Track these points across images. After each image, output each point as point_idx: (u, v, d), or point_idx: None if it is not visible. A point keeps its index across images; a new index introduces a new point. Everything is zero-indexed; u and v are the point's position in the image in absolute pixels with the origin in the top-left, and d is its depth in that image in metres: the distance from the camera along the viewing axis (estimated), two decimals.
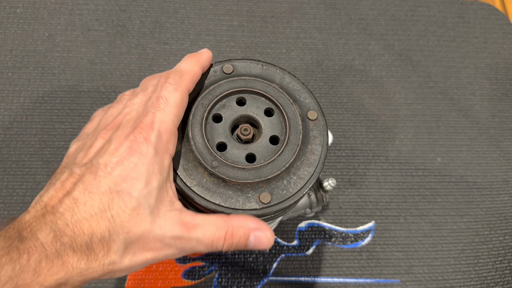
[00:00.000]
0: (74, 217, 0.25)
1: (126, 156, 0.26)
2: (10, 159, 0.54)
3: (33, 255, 0.23)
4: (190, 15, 0.65)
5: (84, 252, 0.24)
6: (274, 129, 0.33)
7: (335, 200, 0.55)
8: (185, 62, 0.32)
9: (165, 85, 0.29)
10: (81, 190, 0.25)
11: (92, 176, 0.26)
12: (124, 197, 0.25)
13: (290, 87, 0.34)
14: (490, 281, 0.52)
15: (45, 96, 0.58)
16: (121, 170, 0.26)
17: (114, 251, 0.25)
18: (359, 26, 0.67)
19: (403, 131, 0.60)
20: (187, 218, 0.27)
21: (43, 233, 0.24)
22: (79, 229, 0.24)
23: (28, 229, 0.24)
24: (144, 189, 0.26)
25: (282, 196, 0.30)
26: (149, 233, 0.26)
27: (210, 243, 0.27)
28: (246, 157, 0.31)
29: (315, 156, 0.32)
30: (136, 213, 0.26)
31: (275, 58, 0.63)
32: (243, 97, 0.33)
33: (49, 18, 0.63)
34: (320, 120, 0.33)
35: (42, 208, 0.25)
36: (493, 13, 0.70)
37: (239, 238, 0.28)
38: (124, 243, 0.25)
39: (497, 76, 0.65)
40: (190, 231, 0.27)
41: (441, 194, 0.57)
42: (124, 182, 0.26)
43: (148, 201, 0.26)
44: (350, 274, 0.52)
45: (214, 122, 0.32)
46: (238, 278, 0.50)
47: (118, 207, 0.25)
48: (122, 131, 0.27)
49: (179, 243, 0.27)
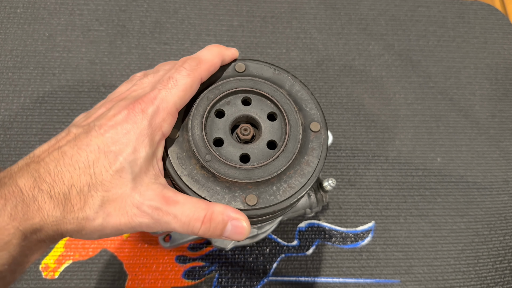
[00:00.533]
0: (58, 167, 0.25)
1: (121, 122, 0.27)
2: (10, 159, 0.54)
3: (10, 199, 0.24)
4: (190, 15, 0.65)
5: (61, 201, 0.25)
6: (273, 134, 0.33)
7: (335, 200, 0.55)
8: (206, 50, 0.32)
9: (180, 69, 0.30)
10: (71, 145, 0.26)
11: (85, 135, 0.27)
12: (110, 158, 0.26)
13: (298, 96, 0.34)
14: (490, 281, 0.52)
15: (45, 96, 0.58)
16: (113, 133, 0.27)
17: (89, 206, 0.25)
18: (359, 26, 0.67)
19: (403, 131, 0.60)
20: (169, 193, 0.28)
21: (23, 179, 0.25)
22: (60, 179, 0.25)
23: (9, 176, 0.25)
24: (131, 155, 0.27)
25: (269, 202, 0.30)
26: (128, 197, 0.26)
27: (187, 222, 0.27)
28: (240, 157, 0.31)
29: (310, 168, 0.31)
30: (119, 175, 0.26)
31: (275, 58, 0.63)
32: (249, 97, 0.33)
33: (49, 18, 0.63)
34: (322, 133, 0.33)
35: (30, 158, 0.26)
36: (493, 13, 0.70)
37: (217, 223, 0.28)
38: (101, 200, 0.26)
39: (497, 76, 0.65)
40: (169, 205, 0.27)
41: (441, 194, 0.57)
42: (114, 145, 0.26)
43: (133, 168, 0.27)
44: (350, 274, 0.52)
45: (216, 117, 0.32)
46: (238, 278, 0.50)
47: (102, 166, 0.26)
48: (124, 102, 0.28)
49: (155, 214, 0.27)
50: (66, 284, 0.49)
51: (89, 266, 0.50)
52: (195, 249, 0.52)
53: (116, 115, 0.27)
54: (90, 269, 0.49)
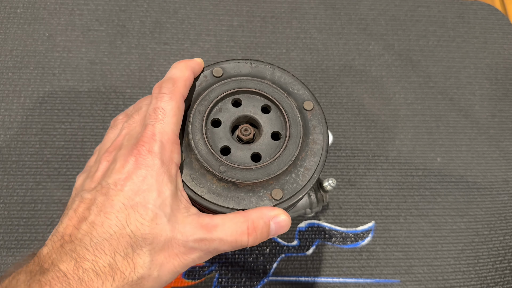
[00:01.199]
0: (93, 240, 0.24)
1: (134, 170, 0.26)
2: (10, 159, 0.54)
3: (55, 285, 0.23)
4: (190, 15, 0.65)
5: (109, 273, 0.24)
6: (274, 125, 0.33)
7: (335, 200, 0.55)
8: (174, 69, 0.32)
9: (160, 95, 0.29)
10: (96, 212, 0.25)
11: (104, 197, 0.26)
12: (140, 210, 0.25)
13: (282, 81, 0.34)
14: (490, 281, 0.52)
15: (45, 96, 0.58)
16: (131, 185, 0.26)
17: (140, 265, 0.25)
18: (359, 26, 0.67)
19: (403, 131, 0.60)
20: (206, 220, 0.27)
21: (64, 263, 0.24)
22: (100, 251, 0.24)
23: (49, 261, 0.24)
24: (158, 199, 0.26)
25: (293, 190, 0.30)
26: (172, 240, 0.26)
27: (234, 241, 0.27)
28: (251, 157, 0.31)
29: (318, 146, 0.32)
30: (155, 223, 0.25)
31: (275, 58, 0.63)
32: (238, 98, 0.33)
33: (49, 18, 0.63)
34: (316, 109, 0.33)
35: (60, 239, 0.25)
36: (493, 13, 0.70)
37: (261, 229, 0.28)
38: (149, 255, 0.25)
39: (497, 76, 0.65)
40: (211, 231, 0.27)
41: (441, 194, 0.57)
42: (137, 196, 0.26)
43: (164, 210, 0.26)
44: (350, 274, 0.52)
45: (213, 127, 0.32)
46: (238, 278, 0.50)
47: (135, 221, 0.25)
48: (125, 149, 0.27)
49: (202, 245, 0.26)
50: None
51: None
52: None
53: (124, 165, 0.26)
54: None
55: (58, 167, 0.54)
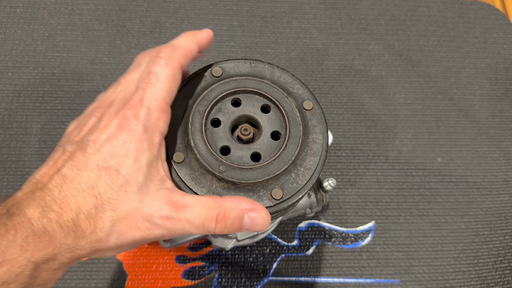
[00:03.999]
0: (62, 193, 0.24)
1: (115, 133, 0.26)
2: (10, 159, 0.54)
3: (20, 230, 0.23)
4: (190, 15, 0.65)
5: (71, 228, 0.24)
6: (273, 124, 0.33)
7: (335, 200, 0.55)
8: (180, 37, 0.31)
9: (156, 60, 0.29)
10: (70, 166, 0.25)
11: (82, 153, 0.26)
12: (112, 174, 0.25)
13: (282, 81, 0.34)
14: (490, 281, 0.52)
15: (45, 96, 0.58)
16: (109, 147, 0.26)
17: (100, 229, 0.25)
18: (359, 26, 0.67)
19: (403, 131, 0.60)
20: (177, 198, 0.27)
21: (31, 209, 0.24)
22: (66, 205, 0.24)
23: (16, 205, 0.24)
24: (132, 166, 0.26)
25: (293, 189, 0.30)
26: (137, 211, 0.25)
27: (200, 225, 0.26)
28: (251, 157, 0.31)
29: (318, 145, 0.32)
30: (124, 190, 0.25)
31: (275, 58, 0.63)
32: (237, 98, 0.33)
33: (49, 18, 0.63)
34: (316, 108, 0.33)
35: (33, 185, 0.25)
36: (493, 13, 0.70)
37: (232, 220, 0.27)
38: (110, 220, 0.25)
39: (497, 76, 0.65)
40: (179, 211, 0.26)
41: (441, 194, 0.57)
42: (112, 159, 0.25)
43: (137, 179, 0.26)
44: (350, 274, 0.52)
45: (213, 127, 0.32)
46: (238, 278, 0.50)
47: (105, 184, 0.25)
48: (113, 109, 0.27)
49: (167, 223, 0.26)
50: (66, 284, 0.49)
51: (89, 266, 0.50)
52: (195, 249, 0.52)
53: (108, 126, 0.26)
54: (90, 269, 0.49)
55: None
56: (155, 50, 0.29)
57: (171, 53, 0.29)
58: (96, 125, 0.27)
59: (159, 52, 0.29)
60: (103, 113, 0.28)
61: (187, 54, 0.30)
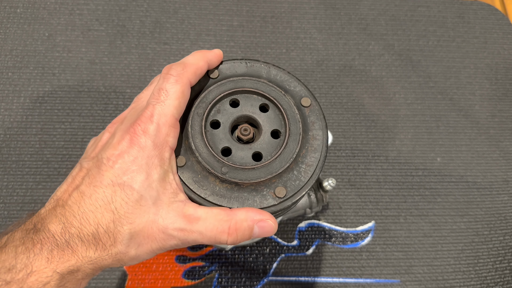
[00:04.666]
0: (81, 209, 0.26)
1: (127, 149, 0.27)
2: (10, 159, 0.54)
3: (45, 245, 0.25)
4: (190, 15, 0.65)
5: (92, 242, 0.26)
6: (273, 123, 0.33)
7: (335, 200, 0.55)
8: (191, 56, 0.32)
9: (167, 77, 0.30)
10: (87, 184, 0.27)
11: (97, 170, 0.27)
12: (126, 189, 0.26)
13: (278, 79, 0.35)
14: (490, 281, 0.52)
15: (45, 96, 0.58)
16: (121, 163, 0.27)
17: (119, 242, 0.26)
18: (359, 26, 0.67)
19: (403, 131, 0.60)
20: (190, 210, 0.28)
21: (53, 225, 0.26)
22: (85, 220, 0.26)
23: (41, 222, 0.26)
24: (145, 181, 0.27)
25: (296, 187, 0.31)
26: (153, 223, 0.27)
27: (213, 237, 0.28)
28: (252, 157, 0.31)
29: (318, 141, 0.32)
30: (139, 204, 0.27)
31: (275, 58, 0.63)
32: (235, 99, 0.33)
33: (49, 18, 0.63)
34: (314, 105, 0.34)
35: (55, 202, 0.27)
36: (493, 13, 0.70)
37: (243, 231, 0.28)
38: (129, 233, 0.26)
39: (497, 76, 0.65)
40: (192, 223, 0.27)
41: (441, 194, 0.57)
42: (125, 175, 0.27)
43: (150, 193, 0.27)
44: (350, 274, 0.52)
45: (213, 129, 0.32)
46: (238, 278, 0.50)
47: (121, 199, 0.26)
48: (125, 124, 0.29)
49: (181, 235, 0.27)
50: None
51: None
52: (195, 249, 0.52)
53: (120, 142, 0.27)
54: None
55: (58, 167, 0.54)
56: (166, 68, 0.31)
57: (181, 70, 0.30)
58: (110, 141, 0.28)
59: (170, 69, 0.30)
60: (116, 128, 0.29)
61: (196, 72, 0.32)
